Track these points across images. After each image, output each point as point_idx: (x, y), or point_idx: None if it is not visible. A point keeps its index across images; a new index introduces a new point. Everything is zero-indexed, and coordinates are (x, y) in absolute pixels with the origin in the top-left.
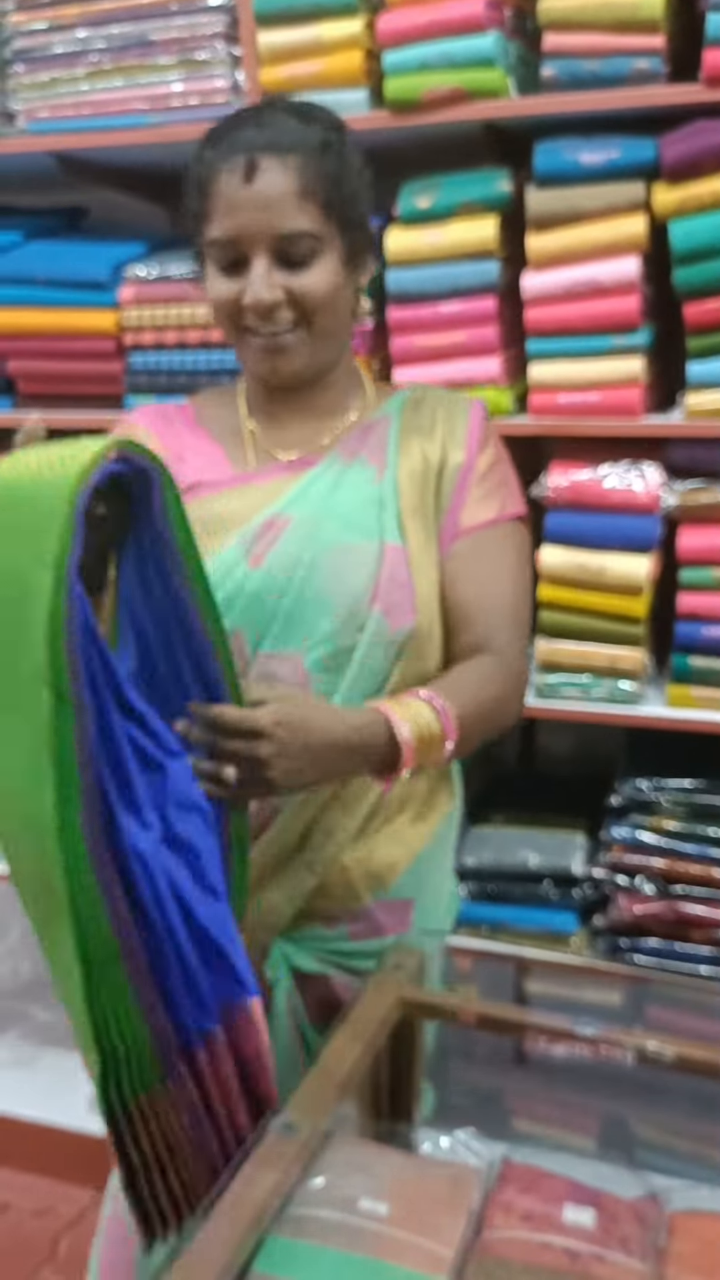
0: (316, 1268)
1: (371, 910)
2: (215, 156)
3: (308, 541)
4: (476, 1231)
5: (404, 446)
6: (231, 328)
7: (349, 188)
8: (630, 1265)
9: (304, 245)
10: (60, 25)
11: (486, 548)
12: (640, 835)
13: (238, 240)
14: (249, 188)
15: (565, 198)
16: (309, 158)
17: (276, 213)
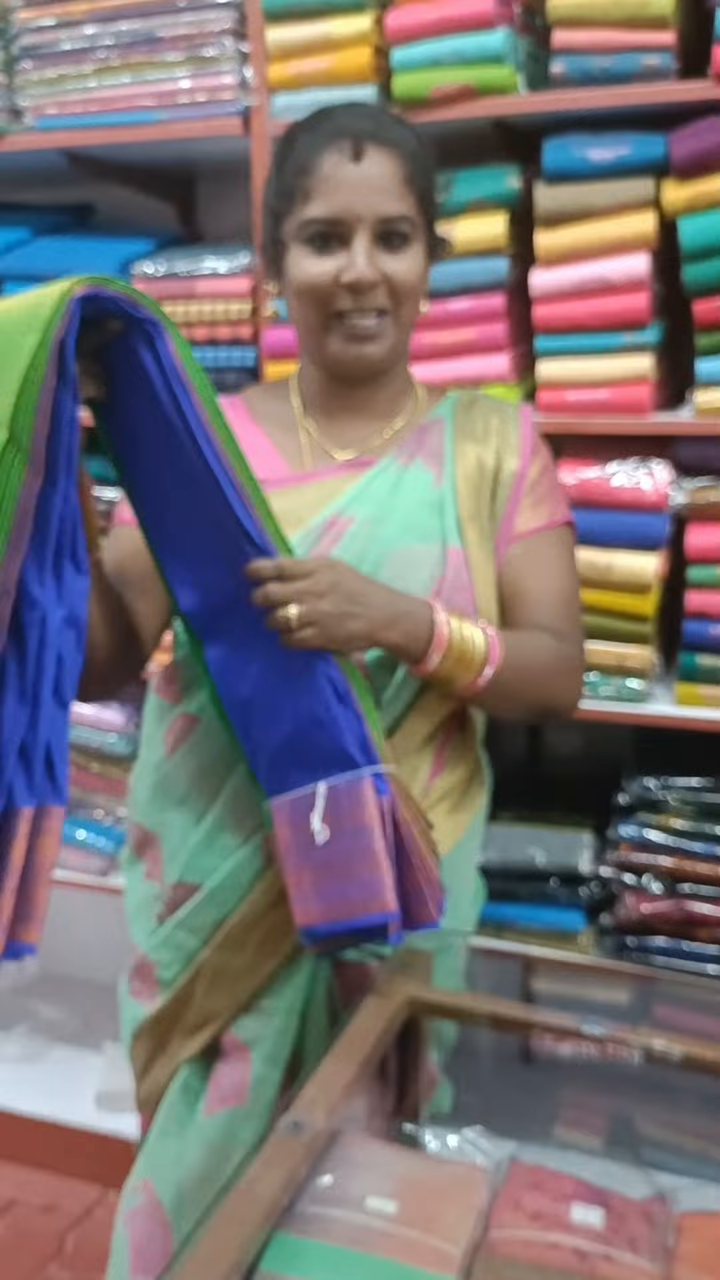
0: (324, 1266)
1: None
2: (317, 139)
3: (371, 542)
4: (484, 1230)
5: (459, 451)
6: (319, 311)
7: (435, 187)
8: (639, 1265)
9: (403, 228)
10: (68, 22)
11: (540, 550)
12: (648, 834)
13: (342, 218)
14: (357, 167)
15: (574, 194)
16: (409, 150)
17: (383, 194)
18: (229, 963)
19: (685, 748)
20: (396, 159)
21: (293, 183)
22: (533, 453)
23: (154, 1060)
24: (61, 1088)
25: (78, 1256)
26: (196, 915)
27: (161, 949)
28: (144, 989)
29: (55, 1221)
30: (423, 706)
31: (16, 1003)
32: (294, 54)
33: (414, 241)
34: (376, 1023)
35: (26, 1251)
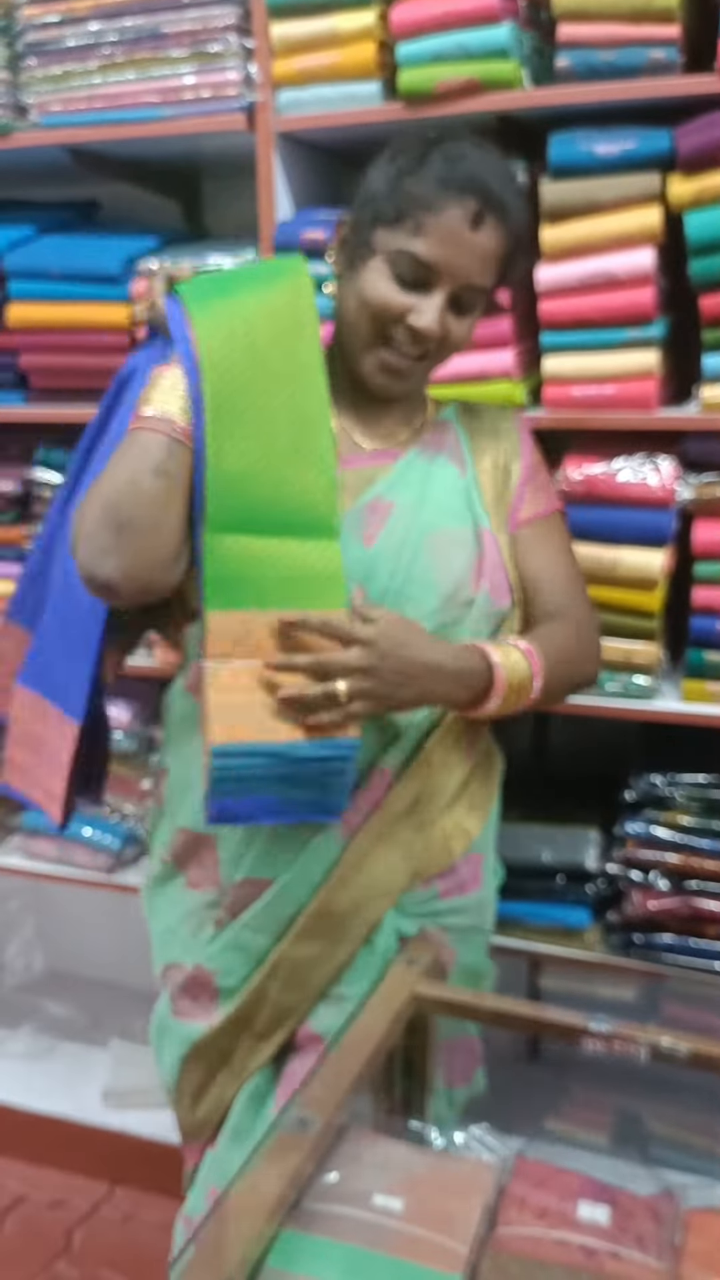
0: (331, 1263)
1: (458, 866)
2: (449, 182)
3: (413, 525)
4: (491, 1227)
5: (476, 449)
6: (372, 329)
7: (520, 257)
8: (646, 1262)
9: (475, 299)
10: (72, 18)
11: (543, 533)
12: (654, 830)
13: (437, 269)
14: (473, 234)
15: (580, 189)
16: (516, 229)
17: (479, 267)
18: (303, 955)
19: (692, 744)
20: (504, 237)
21: (409, 208)
22: (531, 452)
23: (212, 1081)
24: (69, 1084)
25: (85, 1253)
26: (267, 912)
27: (224, 955)
28: (196, 1007)
29: (63, 1218)
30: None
31: (24, 1000)
32: (298, 49)
33: (478, 309)
34: (383, 1019)
35: (34, 1248)
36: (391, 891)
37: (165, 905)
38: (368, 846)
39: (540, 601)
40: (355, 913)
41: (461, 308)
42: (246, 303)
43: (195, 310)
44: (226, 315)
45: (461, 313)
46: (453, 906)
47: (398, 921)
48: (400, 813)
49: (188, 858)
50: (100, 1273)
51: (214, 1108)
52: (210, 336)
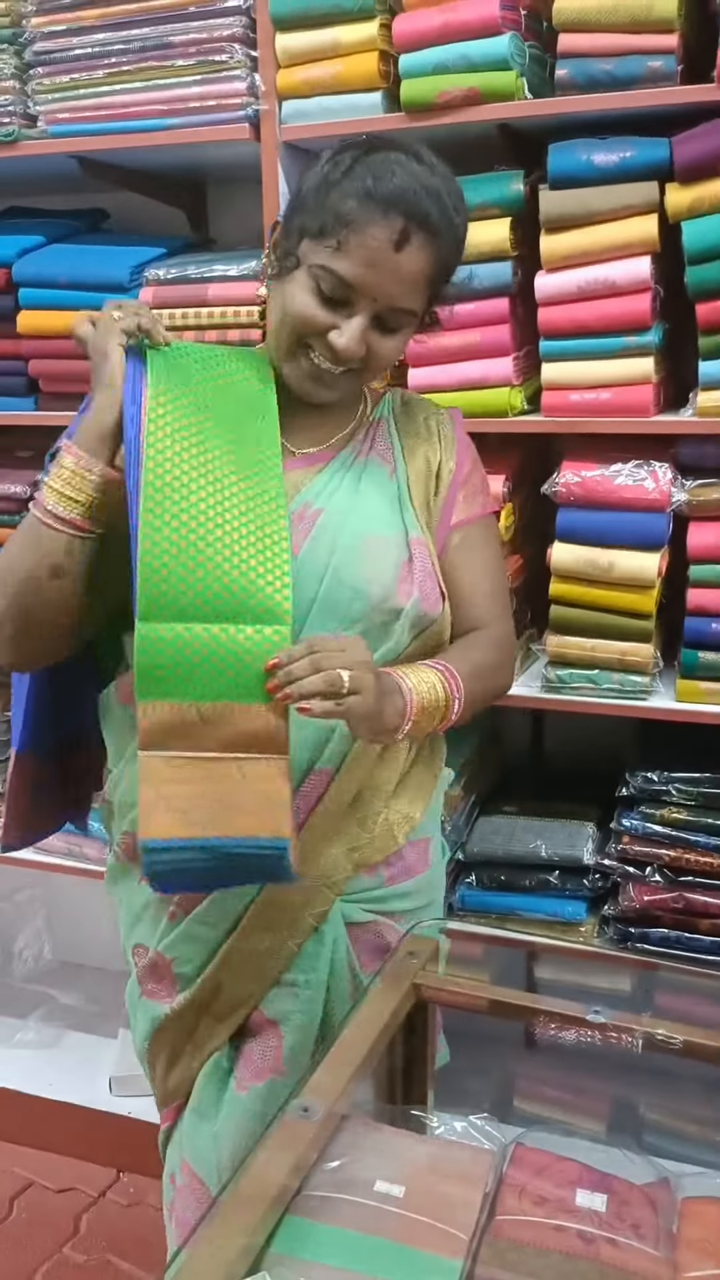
0: (333, 1249)
1: (404, 851)
2: (373, 198)
3: (342, 531)
4: (490, 1214)
5: (408, 449)
6: (293, 340)
7: (451, 275)
8: (642, 1250)
9: (401, 320)
10: (80, 28)
11: (474, 539)
12: (649, 826)
13: (358, 290)
14: (396, 256)
15: (579, 198)
16: (442, 244)
17: (402, 290)
18: (253, 947)
19: (686, 741)
20: (432, 257)
21: (331, 224)
22: (465, 453)
23: (180, 1054)
24: (77, 1072)
25: (93, 1238)
26: (216, 907)
27: (179, 946)
28: (161, 988)
29: (71, 1203)
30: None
31: (33, 990)
32: (302, 60)
33: (407, 327)
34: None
35: (43, 1233)
36: (337, 883)
37: (127, 894)
38: (312, 844)
39: (467, 612)
40: (303, 905)
41: (387, 327)
42: (205, 387)
43: (154, 384)
44: (184, 399)
45: (387, 331)
46: (399, 892)
47: (345, 910)
48: (342, 809)
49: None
50: (107, 1258)
51: (184, 1078)
52: (162, 422)
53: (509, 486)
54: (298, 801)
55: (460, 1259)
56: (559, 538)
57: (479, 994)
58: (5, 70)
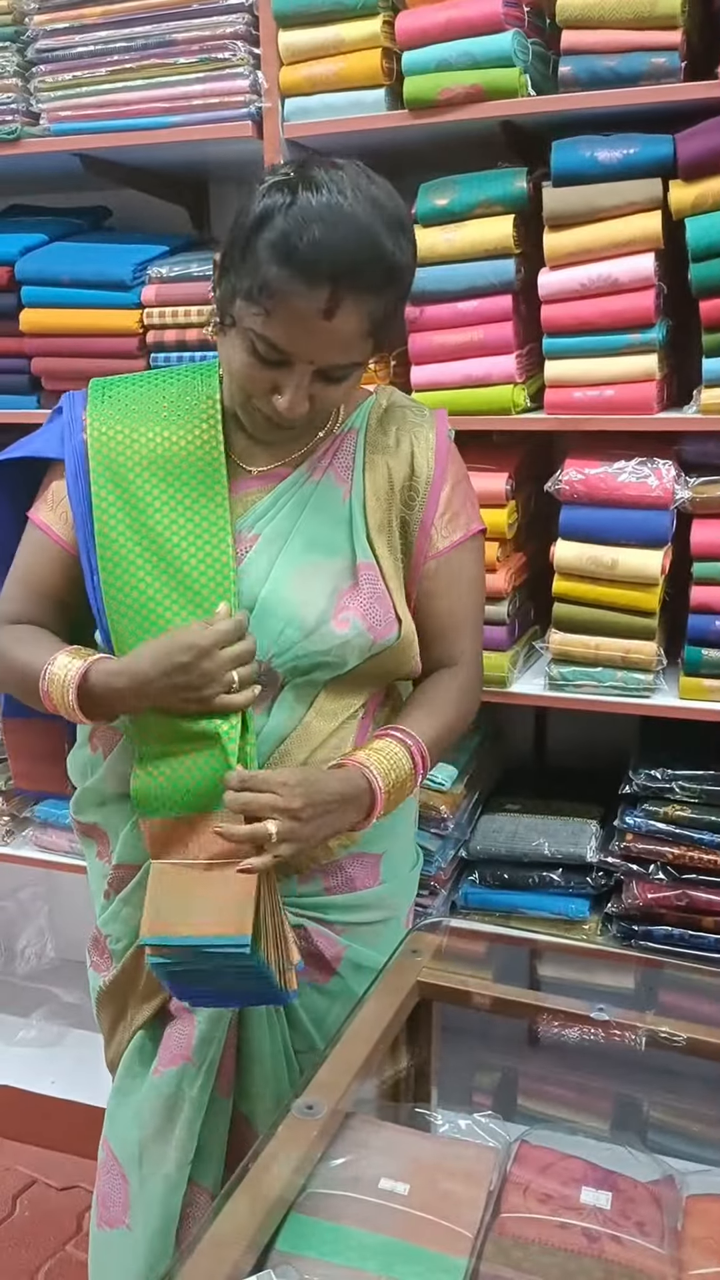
0: (338, 1247)
1: (342, 864)
2: (292, 268)
3: (274, 558)
4: (495, 1212)
5: (370, 464)
6: (243, 396)
7: (400, 313)
8: (647, 1247)
9: (345, 372)
10: (82, 26)
11: (455, 566)
12: (653, 823)
13: (292, 354)
14: (326, 325)
15: (582, 195)
16: (377, 296)
17: (340, 351)
18: None
19: (689, 738)
20: (365, 313)
21: (255, 289)
22: (448, 462)
23: (116, 1025)
24: (79, 1070)
25: None
26: (137, 892)
27: (110, 923)
28: (101, 961)
29: (73, 1201)
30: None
31: (35, 988)
32: (305, 57)
33: (356, 371)
34: (388, 1007)
35: (45, 1230)
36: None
37: (90, 867)
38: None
39: (442, 647)
40: None
41: (332, 378)
42: (149, 487)
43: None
44: (126, 534)
45: (333, 381)
46: (339, 903)
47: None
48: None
49: (90, 835)
50: None
51: (118, 1051)
52: (112, 566)
53: (511, 484)
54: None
55: (465, 1257)
56: (562, 535)
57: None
58: (8, 68)
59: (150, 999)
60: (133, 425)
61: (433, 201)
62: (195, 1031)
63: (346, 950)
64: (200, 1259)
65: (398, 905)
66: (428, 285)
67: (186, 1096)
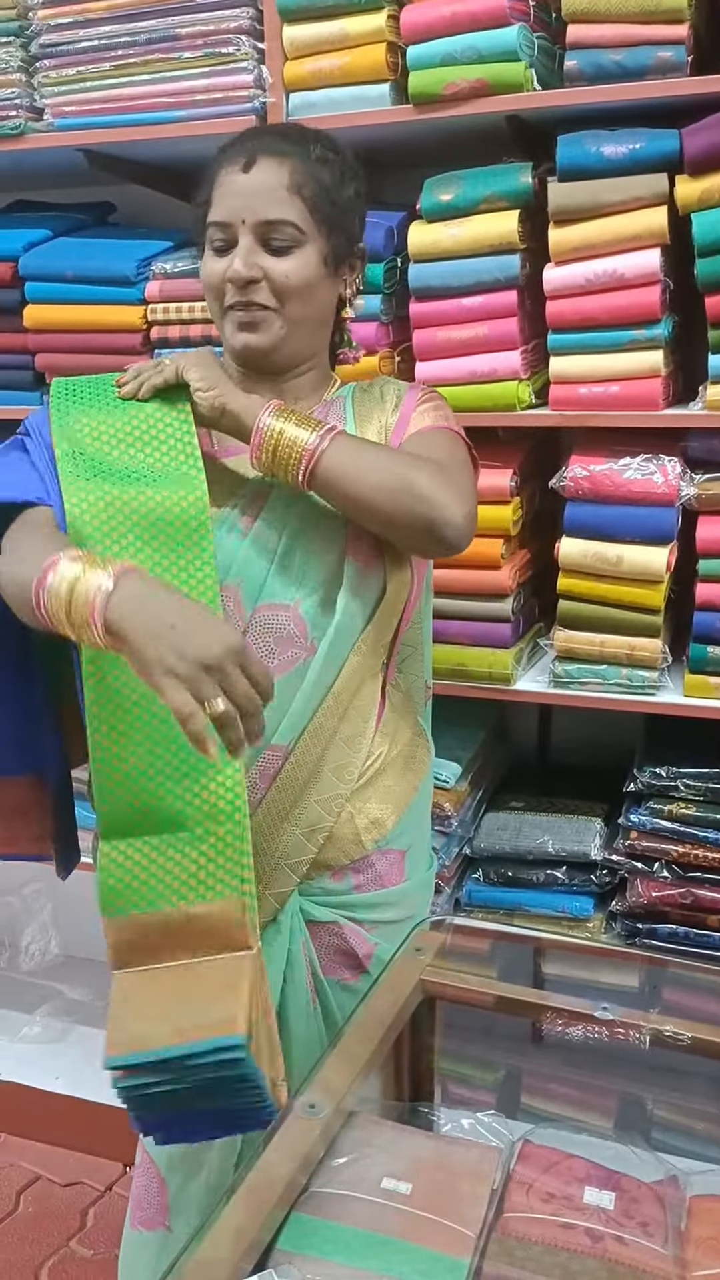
0: (339, 1246)
1: (372, 859)
2: (223, 158)
3: (290, 509)
4: (497, 1212)
5: (360, 417)
6: (216, 305)
7: (340, 197)
8: (651, 1248)
9: (285, 234)
10: (86, 20)
11: (428, 440)
12: (657, 821)
13: (228, 221)
14: (246, 177)
15: (587, 190)
16: (302, 161)
17: (264, 200)
18: None
19: (694, 736)
20: (285, 168)
21: (203, 195)
22: (417, 396)
23: None
24: (84, 1066)
25: (99, 1232)
26: None
27: None
28: None
29: (78, 1197)
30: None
31: (40, 984)
32: (309, 52)
33: (302, 246)
34: (390, 1006)
35: (49, 1226)
36: (298, 865)
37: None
38: (270, 821)
39: None
40: (260, 882)
41: (273, 247)
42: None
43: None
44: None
45: (278, 252)
46: (369, 900)
47: (305, 905)
48: (300, 785)
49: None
50: (114, 1252)
51: None
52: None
53: (516, 480)
54: (254, 778)
55: (467, 1256)
56: (567, 532)
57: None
58: (11, 63)
59: None
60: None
61: (437, 197)
62: None
63: (376, 948)
64: (202, 1258)
65: (419, 905)
66: (432, 281)
67: None
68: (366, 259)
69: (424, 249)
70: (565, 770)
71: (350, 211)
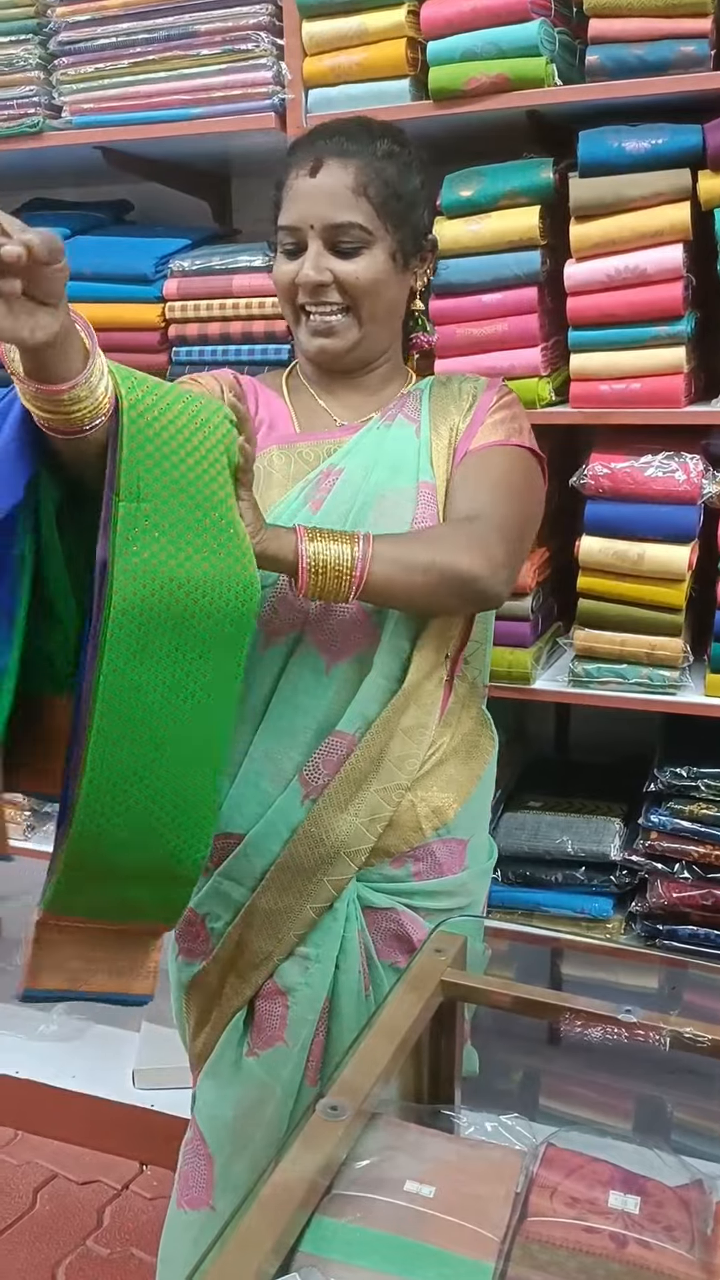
0: (363, 1249)
1: (433, 848)
2: (292, 160)
3: (360, 489)
4: (521, 1215)
5: (436, 410)
6: (290, 308)
7: (405, 192)
8: (677, 1252)
9: (353, 235)
10: (104, 17)
11: (488, 461)
12: (678, 822)
13: (297, 226)
14: (312, 181)
15: (609, 186)
16: (368, 160)
17: (331, 204)
18: (271, 906)
19: (715, 736)
20: (351, 170)
21: (275, 197)
22: (493, 397)
23: (208, 1015)
24: (100, 1065)
25: (116, 1230)
26: (239, 864)
27: (209, 901)
28: (196, 946)
29: (94, 1196)
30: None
31: None
32: (329, 48)
33: (371, 246)
34: (412, 1007)
35: (66, 1225)
36: (357, 854)
37: None
38: (332, 809)
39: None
40: (319, 869)
41: (342, 251)
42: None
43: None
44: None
45: (346, 255)
46: (427, 889)
47: (364, 892)
48: (363, 776)
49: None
50: (131, 1250)
51: (209, 1040)
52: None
53: None
54: (318, 763)
55: (492, 1260)
56: (587, 530)
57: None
58: (30, 61)
59: (249, 975)
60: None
61: (458, 192)
62: (289, 1014)
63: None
64: (225, 1261)
65: (476, 894)
66: (452, 277)
67: (280, 1079)
68: (436, 249)
69: (444, 245)
70: (584, 770)
71: (416, 205)
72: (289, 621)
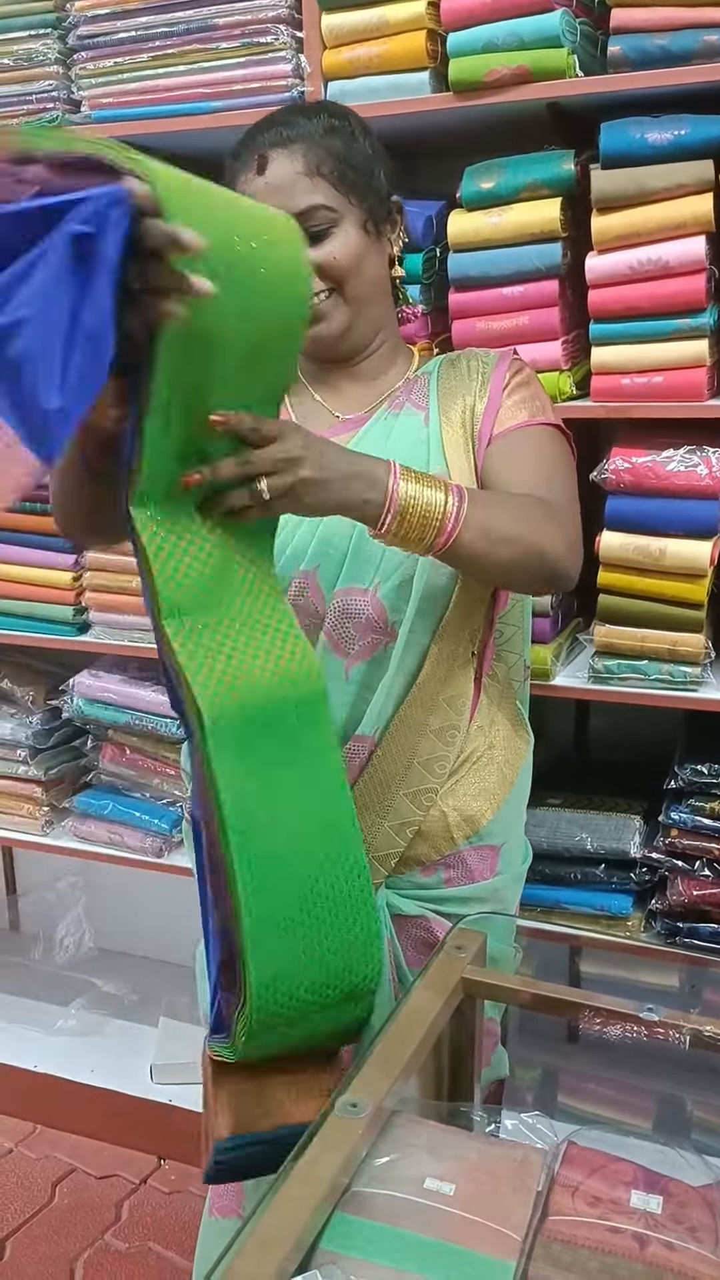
0: (383, 1247)
1: (464, 855)
2: (238, 165)
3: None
4: (542, 1214)
5: (443, 393)
6: None
7: (359, 161)
8: (700, 1252)
9: (319, 217)
10: (123, 12)
11: (520, 445)
12: (699, 819)
13: None
14: (263, 179)
15: (631, 177)
16: (312, 143)
17: (287, 194)
18: None
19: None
20: (298, 156)
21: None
22: (506, 373)
23: None
24: (118, 1059)
25: (134, 1224)
26: None
27: None
28: None
29: (112, 1190)
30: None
31: (75, 978)
32: (348, 40)
33: (339, 223)
34: (432, 1004)
35: (84, 1219)
36: (385, 861)
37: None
38: (359, 815)
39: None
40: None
41: (313, 234)
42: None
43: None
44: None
45: (317, 240)
46: (459, 895)
47: (393, 899)
48: (390, 780)
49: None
50: (149, 1245)
51: None
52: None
53: None
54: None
55: (513, 1259)
56: (608, 526)
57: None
58: (49, 55)
59: None
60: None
61: (478, 185)
62: None
63: None
64: (245, 1258)
65: (509, 898)
66: (471, 270)
67: None
68: (403, 211)
69: (464, 238)
70: (603, 767)
71: (373, 171)
72: (304, 626)
